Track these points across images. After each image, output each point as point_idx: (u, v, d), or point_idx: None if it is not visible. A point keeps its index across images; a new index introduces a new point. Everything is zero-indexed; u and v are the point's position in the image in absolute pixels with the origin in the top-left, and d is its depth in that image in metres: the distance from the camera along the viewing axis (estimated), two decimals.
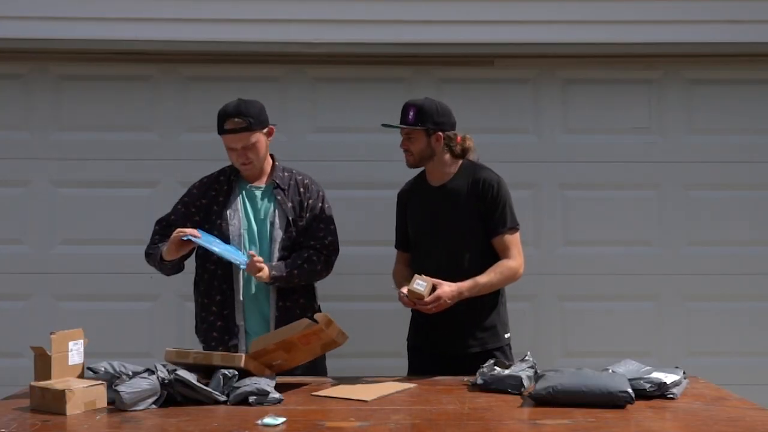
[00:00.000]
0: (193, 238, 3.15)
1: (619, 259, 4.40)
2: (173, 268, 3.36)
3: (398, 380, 3.10)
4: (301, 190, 3.40)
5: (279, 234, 3.31)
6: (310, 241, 3.35)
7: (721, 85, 4.43)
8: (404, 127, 3.35)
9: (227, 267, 3.30)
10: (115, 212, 4.35)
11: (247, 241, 3.31)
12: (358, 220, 4.18)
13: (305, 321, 2.90)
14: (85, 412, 2.62)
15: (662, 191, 4.43)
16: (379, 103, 4.38)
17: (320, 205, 3.42)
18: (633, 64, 4.40)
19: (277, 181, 3.37)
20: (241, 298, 3.30)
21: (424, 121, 3.32)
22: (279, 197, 3.35)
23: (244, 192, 3.38)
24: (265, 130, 3.35)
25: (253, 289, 3.31)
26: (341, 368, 3.42)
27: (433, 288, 3.14)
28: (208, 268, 3.34)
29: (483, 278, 3.26)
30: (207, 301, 3.35)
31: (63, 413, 2.58)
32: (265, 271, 3.19)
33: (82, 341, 2.86)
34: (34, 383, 2.71)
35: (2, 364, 4.27)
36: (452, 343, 3.33)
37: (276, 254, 3.30)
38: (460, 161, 3.42)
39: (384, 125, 3.46)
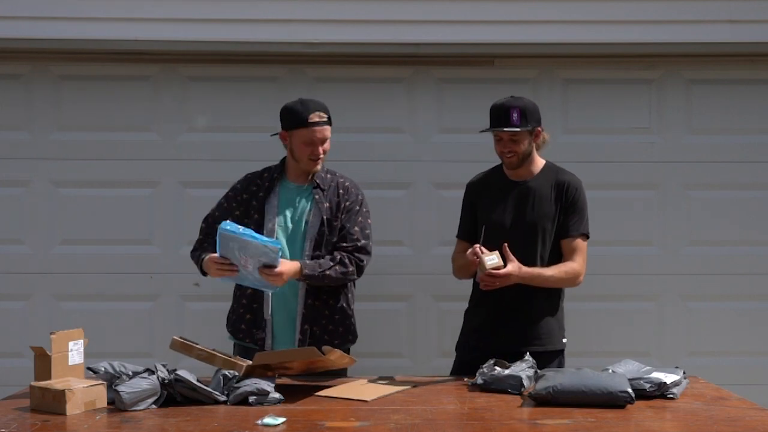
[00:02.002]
0: (230, 279, 3.24)
1: (619, 259, 4.39)
2: None
3: (398, 380, 3.10)
4: (341, 191, 3.42)
5: (312, 232, 3.34)
6: (342, 243, 3.36)
7: (721, 85, 4.42)
8: (512, 130, 3.29)
9: None
10: (115, 212, 4.34)
11: (282, 238, 3.33)
12: None
13: (313, 349, 2.90)
14: (85, 412, 2.62)
15: (662, 191, 4.43)
16: (379, 103, 4.38)
17: (357, 208, 3.42)
18: (633, 64, 4.40)
19: (318, 181, 3.41)
20: (270, 293, 3.33)
21: (529, 122, 3.32)
22: (317, 197, 3.39)
23: (284, 189, 3.42)
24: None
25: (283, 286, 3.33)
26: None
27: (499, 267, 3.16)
28: None
29: (547, 271, 3.30)
30: (239, 293, 3.42)
31: (63, 413, 2.58)
32: (282, 278, 3.17)
33: (82, 341, 2.86)
34: (34, 383, 2.71)
35: (2, 364, 4.27)
36: (514, 342, 3.30)
37: (307, 252, 3.33)
38: (544, 161, 3.44)
39: (487, 130, 3.36)
